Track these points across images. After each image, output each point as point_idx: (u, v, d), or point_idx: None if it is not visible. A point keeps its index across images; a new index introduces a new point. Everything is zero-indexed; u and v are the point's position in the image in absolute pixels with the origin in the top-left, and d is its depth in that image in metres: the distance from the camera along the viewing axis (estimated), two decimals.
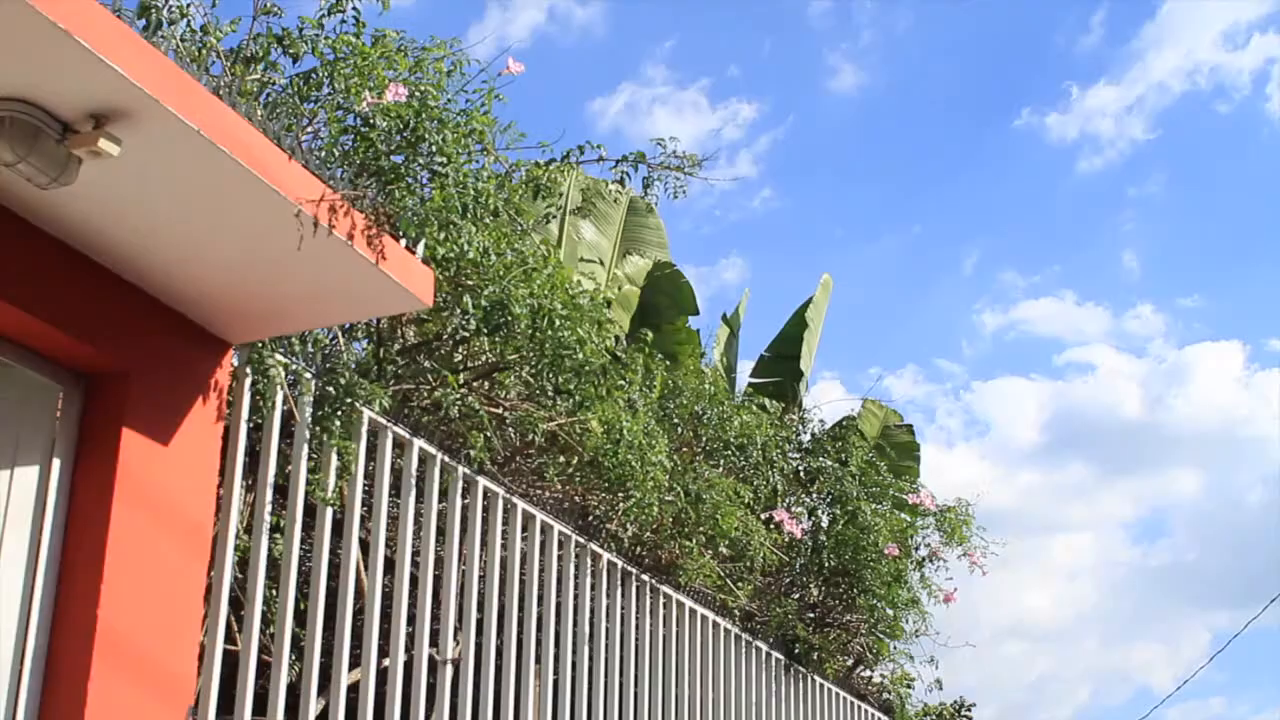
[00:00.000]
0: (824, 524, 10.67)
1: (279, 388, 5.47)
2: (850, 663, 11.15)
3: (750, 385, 15.76)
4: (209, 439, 5.02)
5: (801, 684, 10.07)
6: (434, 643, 6.40)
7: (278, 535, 5.63)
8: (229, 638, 5.36)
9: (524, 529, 7.02)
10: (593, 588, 7.59)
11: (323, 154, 5.16)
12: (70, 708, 4.34)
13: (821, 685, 10.37)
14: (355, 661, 5.91)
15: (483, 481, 6.63)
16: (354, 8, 5.76)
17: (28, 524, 4.51)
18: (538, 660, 7.03)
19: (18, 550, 4.47)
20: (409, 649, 6.13)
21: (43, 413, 4.63)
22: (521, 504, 6.96)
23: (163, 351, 4.88)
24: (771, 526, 9.57)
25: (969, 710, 20.58)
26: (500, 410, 6.94)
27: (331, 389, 5.63)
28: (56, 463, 4.61)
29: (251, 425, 5.45)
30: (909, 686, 12.09)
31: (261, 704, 5.36)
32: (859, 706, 11.15)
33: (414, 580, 6.22)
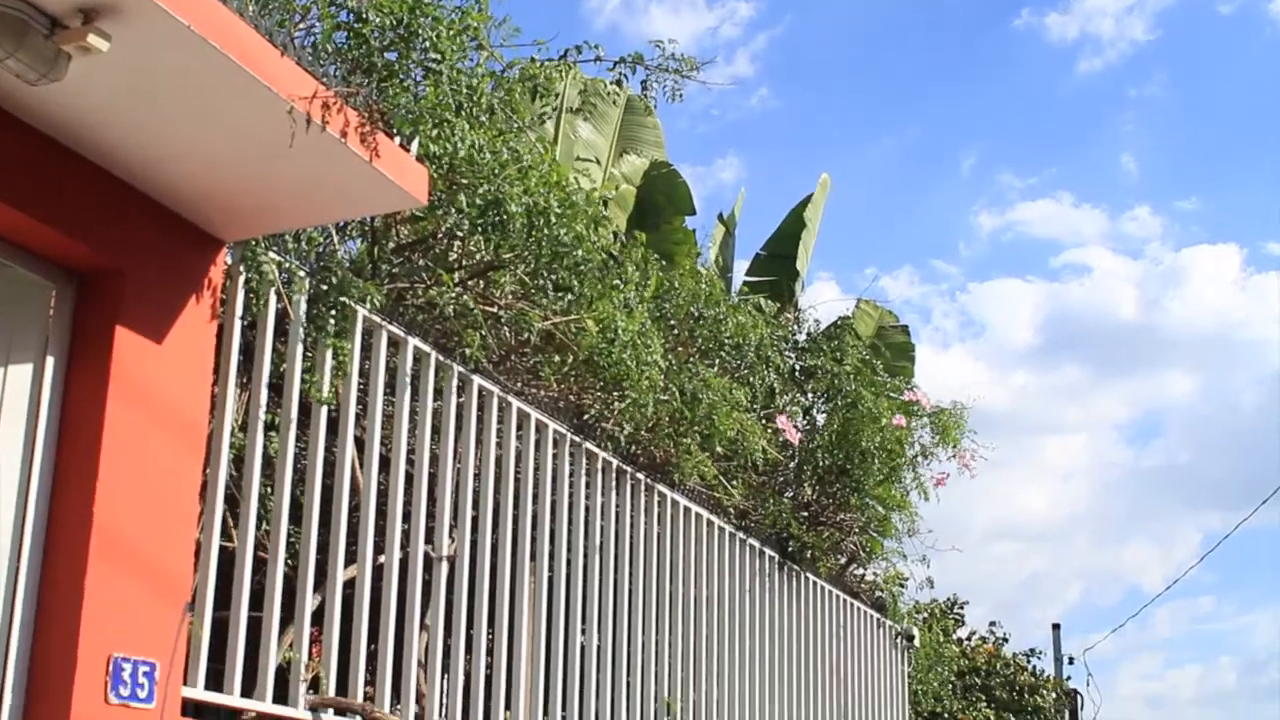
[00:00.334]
0: (819, 423, 10.71)
1: (273, 286, 5.46)
2: (843, 561, 11.23)
3: (745, 284, 15.72)
4: (203, 337, 5.02)
5: (795, 581, 10.15)
6: (429, 540, 6.44)
7: (273, 434, 5.64)
8: (225, 535, 5.40)
9: (519, 428, 7.04)
10: (588, 486, 7.63)
11: (315, 50, 5.11)
12: (68, 603, 4.37)
13: (815, 583, 10.46)
14: (351, 558, 5.95)
15: (478, 380, 6.64)
16: None
17: (22, 422, 4.51)
18: (533, 558, 7.08)
19: (13, 448, 4.48)
20: (404, 546, 6.17)
21: (36, 311, 4.62)
22: (516, 403, 6.97)
23: (155, 249, 4.86)
24: (768, 428, 9.60)
25: (960, 608, 20.77)
26: (495, 309, 6.93)
27: (325, 287, 5.62)
28: (50, 361, 4.60)
29: (246, 324, 5.44)
30: (901, 585, 12.20)
31: (257, 600, 5.40)
32: (851, 604, 11.25)
33: (409, 478, 6.24)
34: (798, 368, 10.94)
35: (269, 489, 5.68)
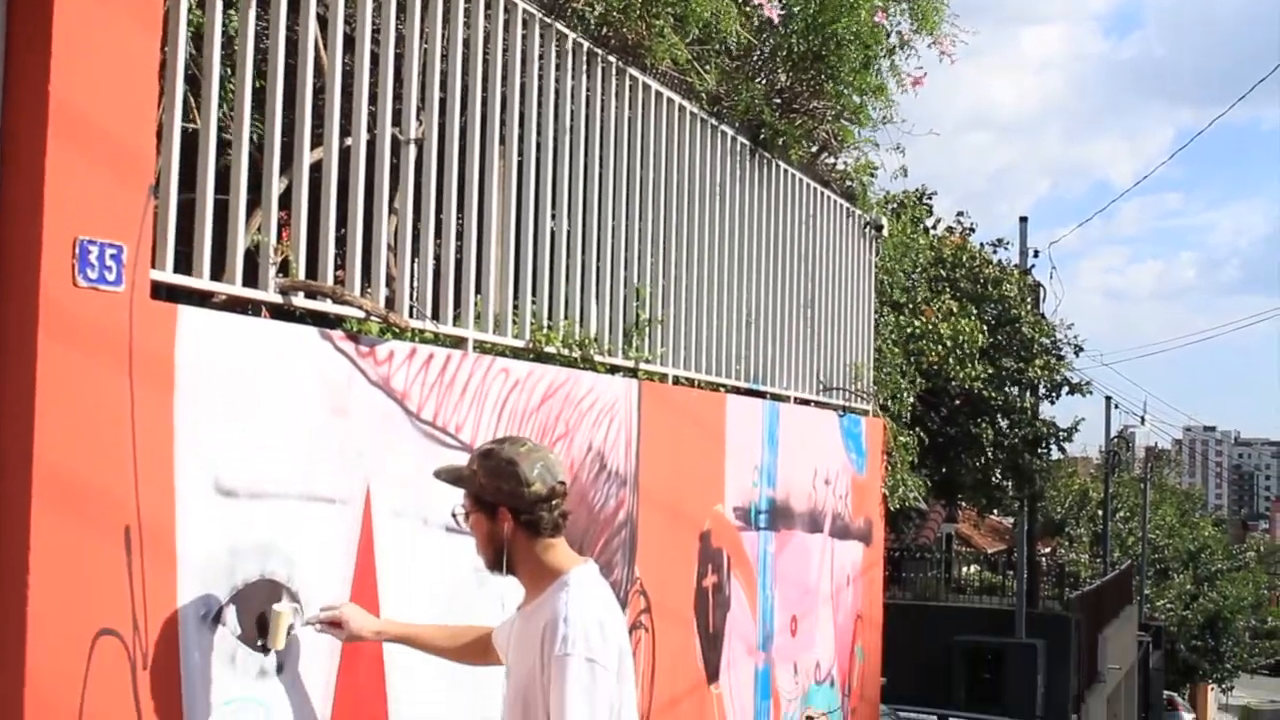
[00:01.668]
0: (794, 9, 10.44)
1: None
2: (815, 149, 11.16)
3: None
4: None
5: (766, 169, 10.11)
6: (396, 122, 6.32)
7: (232, 11, 5.45)
8: (187, 117, 5.27)
9: (487, 7, 6.82)
10: (558, 69, 7.47)
11: None
12: (29, 187, 4.28)
13: (786, 171, 10.42)
14: (317, 141, 5.85)
15: None
16: None
17: None
18: (502, 141, 6.99)
19: None
20: (371, 128, 6.06)
21: None
22: None
23: None
24: (745, 6, 9.37)
25: (929, 199, 20.91)
26: None
27: None
28: None
29: None
30: (872, 174, 12.17)
31: (224, 183, 5.33)
32: (822, 193, 11.25)
33: (374, 59, 6.08)
34: None
35: (230, 69, 5.52)
